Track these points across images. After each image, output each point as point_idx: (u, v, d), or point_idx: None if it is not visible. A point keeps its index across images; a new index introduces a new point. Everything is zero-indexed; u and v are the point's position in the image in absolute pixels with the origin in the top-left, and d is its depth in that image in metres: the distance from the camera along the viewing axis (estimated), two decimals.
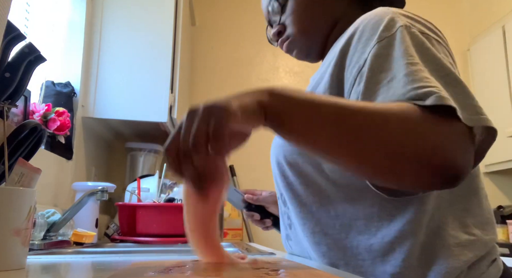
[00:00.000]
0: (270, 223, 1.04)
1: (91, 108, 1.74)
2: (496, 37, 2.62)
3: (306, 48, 0.84)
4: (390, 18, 0.62)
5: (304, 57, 0.86)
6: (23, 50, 0.74)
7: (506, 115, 2.49)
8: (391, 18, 0.62)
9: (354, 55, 0.63)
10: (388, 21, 0.61)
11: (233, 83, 2.78)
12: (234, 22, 2.85)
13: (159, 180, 1.76)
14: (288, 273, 0.46)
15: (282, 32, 0.84)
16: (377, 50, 0.59)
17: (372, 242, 0.64)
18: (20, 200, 0.57)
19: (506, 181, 2.80)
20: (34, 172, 0.73)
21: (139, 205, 1.58)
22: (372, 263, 0.64)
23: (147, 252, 1.19)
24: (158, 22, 1.84)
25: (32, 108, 1.35)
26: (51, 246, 1.07)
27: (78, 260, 0.78)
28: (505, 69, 2.52)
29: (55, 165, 1.48)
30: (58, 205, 1.46)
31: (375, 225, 0.64)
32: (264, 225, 1.06)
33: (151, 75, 1.79)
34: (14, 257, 0.56)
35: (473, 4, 2.97)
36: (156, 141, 2.18)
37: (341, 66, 0.65)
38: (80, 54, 1.71)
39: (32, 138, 0.76)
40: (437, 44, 0.61)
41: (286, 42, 0.84)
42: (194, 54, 2.76)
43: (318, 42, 0.82)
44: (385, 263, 0.62)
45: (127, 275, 0.44)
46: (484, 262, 0.65)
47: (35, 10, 1.50)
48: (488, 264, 0.65)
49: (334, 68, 0.66)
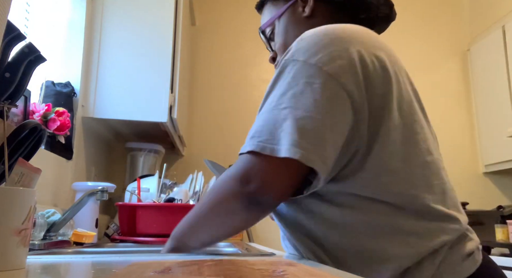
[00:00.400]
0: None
1: (91, 108, 1.74)
2: (496, 37, 2.62)
3: None
4: (287, 51, 0.71)
5: None
6: (23, 50, 0.74)
7: (506, 115, 2.49)
8: (287, 51, 0.71)
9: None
10: (284, 55, 0.71)
11: (233, 83, 2.78)
12: (234, 22, 2.85)
13: (159, 180, 1.76)
14: (288, 273, 0.46)
15: (275, 58, 0.94)
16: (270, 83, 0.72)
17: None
18: (20, 200, 0.57)
19: (506, 181, 2.80)
20: (34, 172, 0.73)
21: (139, 205, 1.58)
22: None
23: (147, 252, 1.18)
24: (158, 22, 1.84)
25: (32, 108, 1.35)
26: (51, 246, 1.07)
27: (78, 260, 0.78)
28: (505, 69, 2.52)
29: (55, 165, 1.48)
30: (58, 205, 1.46)
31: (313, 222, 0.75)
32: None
33: (151, 75, 1.79)
34: (14, 257, 0.56)
35: (473, 4, 2.97)
36: (156, 141, 2.18)
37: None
38: (80, 54, 1.71)
39: (32, 138, 0.76)
40: (300, 67, 0.66)
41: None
42: (194, 54, 2.76)
43: None
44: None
45: (127, 275, 0.44)
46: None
47: (35, 10, 1.50)
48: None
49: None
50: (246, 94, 2.78)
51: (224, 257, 0.77)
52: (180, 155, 2.58)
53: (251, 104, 2.77)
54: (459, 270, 0.67)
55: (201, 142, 2.67)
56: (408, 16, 2.89)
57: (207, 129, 2.69)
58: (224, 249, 1.28)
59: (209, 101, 2.74)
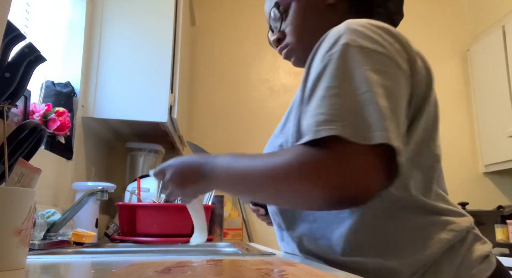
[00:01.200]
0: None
1: (91, 108, 1.74)
2: (496, 37, 2.62)
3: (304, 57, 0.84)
4: (337, 36, 0.64)
5: (302, 65, 0.88)
6: (23, 50, 0.74)
7: (506, 115, 2.49)
8: (338, 37, 0.63)
9: (307, 73, 0.67)
10: (334, 40, 0.64)
11: (233, 83, 2.78)
12: (234, 22, 2.85)
13: None
14: (288, 273, 0.46)
15: (281, 40, 0.86)
16: (318, 69, 0.63)
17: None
18: (20, 200, 0.57)
19: (506, 181, 2.80)
20: (34, 172, 0.73)
21: (139, 205, 1.58)
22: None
23: (147, 252, 1.19)
24: (158, 22, 1.84)
25: (32, 108, 1.35)
26: (51, 246, 1.07)
27: (78, 260, 0.78)
28: (505, 69, 2.52)
29: (55, 165, 1.48)
30: (58, 205, 1.46)
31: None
32: (269, 220, 1.07)
33: (151, 75, 1.79)
34: (14, 257, 0.56)
35: (473, 4, 2.97)
36: (156, 141, 2.18)
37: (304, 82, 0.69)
38: (80, 54, 1.71)
39: (32, 138, 0.76)
40: (379, 57, 0.61)
41: (285, 50, 0.86)
42: (194, 54, 2.76)
43: None
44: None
45: (127, 275, 0.44)
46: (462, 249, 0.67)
47: (35, 10, 1.50)
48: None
49: (301, 83, 0.69)
50: (246, 94, 2.78)
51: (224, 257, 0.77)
52: (180, 155, 2.58)
53: (251, 104, 2.77)
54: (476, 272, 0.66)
55: (201, 142, 2.67)
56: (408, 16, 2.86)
57: (207, 129, 2.69)
58: (224, 249, 1.28)
59: (209, 101, 2.74)
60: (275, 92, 2.82)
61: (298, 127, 0.68)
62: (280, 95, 2.82)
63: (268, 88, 2.82)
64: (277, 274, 0.44)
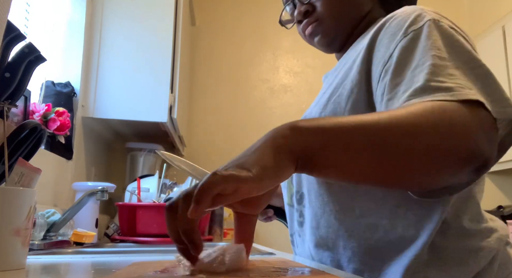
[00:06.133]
0: (271, 212, 1.04)
1: (91, 108, 1.74)
2: (496, 37, 2.62)
3: (333, 35, 0.80)
4: (417, 13, 0.62)
5: (327, 44, 0.82)
6: (23, 50, 0.74)
7: None
8: (419, 13, 0.62)
9: (380, 51, 0.63)
10: (415, 16, 0.61)
11: (233, 83, 2.78)
12: (234, 22, 2.85)
13: (159, 180, 1.76)
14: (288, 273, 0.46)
15: (311, 13, 0.79)
16: (403, 43, 0.59)
17: (391, 238, 0.62)
18: (20, 200, 0.57)
19: (506, 181, 2.80)
20: (34, 172, 0.73)
21: (139, 205, 1.58)
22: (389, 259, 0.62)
23: (147, 252, 1.18)
24: (158, 22, 1.84)
25: (32, 108, 1.35)
26: (51, 246, 1.07)
27: (78, 260, 0.78)
28: (505, 69, 2.52)
29: (55, 165, 1.48)
30: (58, 205, 1.46)
31: (400, 225, 0.62)
32: (265, 215, 1.06)
33: (151, 75, 1.79)
34: (14, 257, 0.56)
35: (473, 4, 2.97)
36: (156, 141, 2.18)
37: (368, 62, 0.64)
38: (80, 54, 1.71)
39: (32, 138, 0.76)
40: (464, 40, 0.61)
41: (314, 23, 0.79)
42: (194, 54, 2.76)
43: (345, 32, 0.80)
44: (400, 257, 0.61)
45: (127, 275, 0.44)
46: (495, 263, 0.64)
47: (35, 10, 1.50)
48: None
49: (362, 65, 0.65)
50: (246, 94, 2.78)
51: None
52: (180, 155, 2.58)
53: (251, 104, 2.77)
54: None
55: (201, 142, 2.67)
56: None
57: (207, 129, 2.69)
58: None
59: (209, 101, 2.74)
60: (275, 92, 2.82)
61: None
62: (280, 95, 2.82)
63: (268, 88, 2.82)
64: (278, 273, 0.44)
